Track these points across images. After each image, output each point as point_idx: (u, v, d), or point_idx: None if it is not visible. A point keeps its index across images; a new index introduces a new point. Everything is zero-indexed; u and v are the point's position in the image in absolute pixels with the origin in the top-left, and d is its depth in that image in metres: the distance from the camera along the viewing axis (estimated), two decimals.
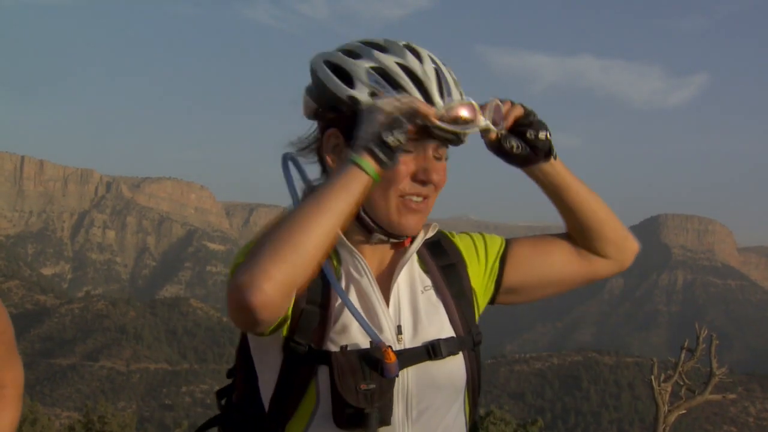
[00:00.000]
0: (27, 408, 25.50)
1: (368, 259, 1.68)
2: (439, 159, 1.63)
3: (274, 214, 1.60)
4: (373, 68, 1.59)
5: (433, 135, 1.57)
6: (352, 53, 1.62)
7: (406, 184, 1.60)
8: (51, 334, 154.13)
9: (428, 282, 1.71)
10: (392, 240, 1.66)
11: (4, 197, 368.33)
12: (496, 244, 1.83)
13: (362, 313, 1.60)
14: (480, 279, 1.79)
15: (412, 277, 1.70)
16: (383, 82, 1.57)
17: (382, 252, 1.70)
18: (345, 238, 1.65)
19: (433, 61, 1.61)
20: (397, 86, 1.57)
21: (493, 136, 1.64)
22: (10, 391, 1.77)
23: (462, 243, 1.81)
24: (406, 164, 1.59)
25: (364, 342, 1.57)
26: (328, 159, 1.65)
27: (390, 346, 1.54)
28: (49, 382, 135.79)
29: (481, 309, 1.81)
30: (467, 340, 1.68)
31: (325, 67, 1.63)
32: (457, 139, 1.60)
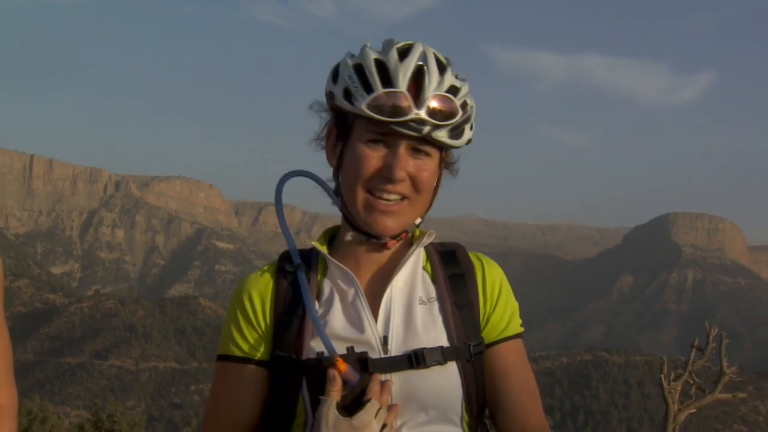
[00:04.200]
0: (36, 406, 25.54)
1: (361, 267, 1.67)
2: (419, 156, 1.58)
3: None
4: (354, 65, 1.59)
5: (399, 133, 1.55)
6: (356, 54, 1.63)
7: (372, 180, 1.58)
8: (60, 332, 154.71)
9: (433, 293, 1.66)
10: (372, 240, 1.64)
11: (13, 196, 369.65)
12: (510, 324, 1.74)
13: (347, 323, 1.61)
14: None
15: (412, 286, 1.66)
16: (354, 78, 1.57)
17: (378, 259, 1.68)
18: (329, 256, 1.66)
19: (424, 58, 1.57)
20: (365, 81, 1.56)
21: None
22: (8, 412, 1.78)
23: (485, 269, 1.73)
24: (374, 158, 1.58)
25: (341, 349, 1.57)
26: (328, 153, 1.69)
27: (341, 357, 1.52)
28: (59, 380, 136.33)
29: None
30: (462, 350, 1.61)
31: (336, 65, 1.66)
32: (423, 137, 1.55)
